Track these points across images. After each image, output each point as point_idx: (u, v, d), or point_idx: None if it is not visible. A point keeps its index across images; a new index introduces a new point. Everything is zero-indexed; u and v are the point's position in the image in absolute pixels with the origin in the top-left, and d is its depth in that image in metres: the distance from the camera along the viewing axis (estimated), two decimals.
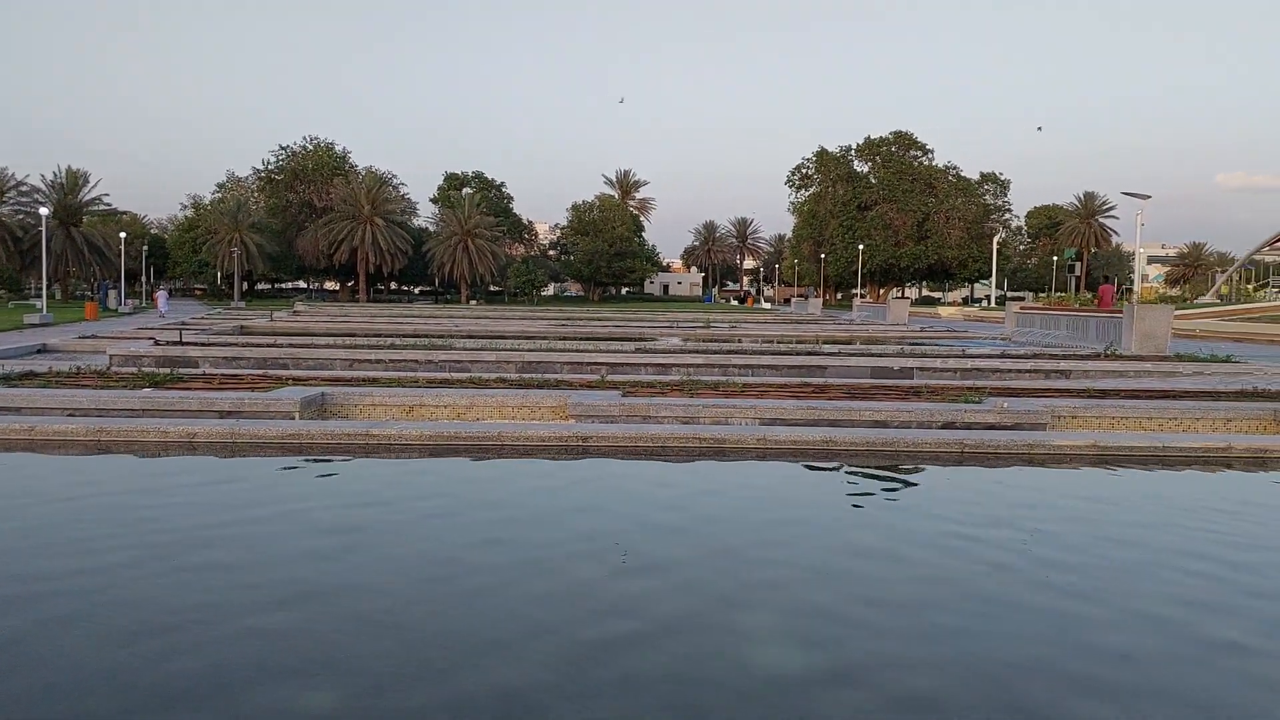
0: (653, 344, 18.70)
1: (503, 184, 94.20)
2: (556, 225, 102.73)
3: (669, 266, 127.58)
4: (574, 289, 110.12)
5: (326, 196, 78.43)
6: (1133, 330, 18.23)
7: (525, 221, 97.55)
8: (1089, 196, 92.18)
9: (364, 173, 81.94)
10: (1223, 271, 68.81)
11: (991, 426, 8.38)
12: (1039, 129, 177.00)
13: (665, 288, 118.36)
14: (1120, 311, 19.55)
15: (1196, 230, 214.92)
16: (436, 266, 79.40)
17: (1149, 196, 42.91)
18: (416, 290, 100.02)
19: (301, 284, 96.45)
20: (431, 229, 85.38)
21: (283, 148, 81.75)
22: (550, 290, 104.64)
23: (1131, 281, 55.51)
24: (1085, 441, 7.15)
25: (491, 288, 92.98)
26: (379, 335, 22.42)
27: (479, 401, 9.03)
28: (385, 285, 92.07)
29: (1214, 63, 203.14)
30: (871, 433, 7.62)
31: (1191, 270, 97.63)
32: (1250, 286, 67.24)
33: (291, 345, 17.25)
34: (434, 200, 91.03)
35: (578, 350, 16.64)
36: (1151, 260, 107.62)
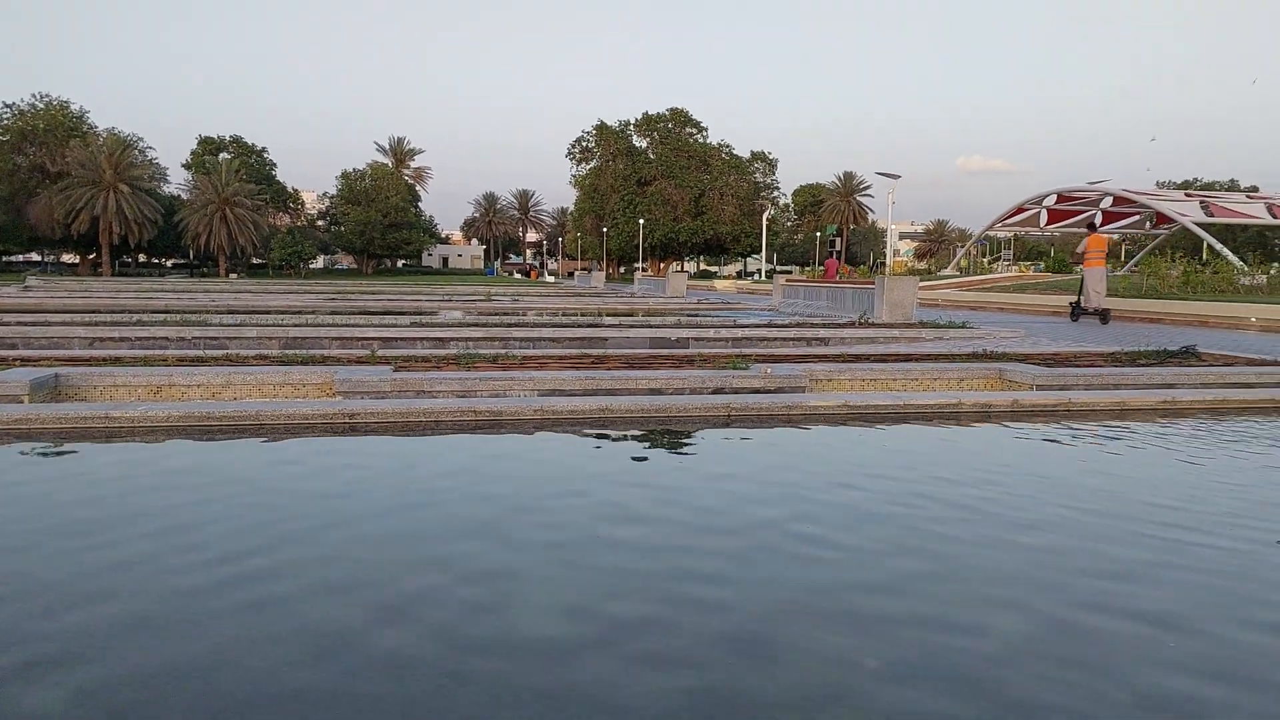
0: (430, 317, 18.24)
1: (264, 149, 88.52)
2: (325, 194, 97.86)
3: (448, 238, 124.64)
4: (346, 262, 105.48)
5: (62, 160, 70.54)
6: (883, 300, 19.71)
7: (290, 190, 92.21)
8: (848, 176, 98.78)
9: (105, 135, 74.26)
10: (962, 246, 75.67)
11: (757, 391, 8.78)
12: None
13: (445, 260, 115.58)
14: (871, 283, 21.08)
15: (941, 209, 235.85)
16: (191, 237, 73.63)
17: (899, 177, 46.60)
18: (169, 263, 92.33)
19: (35, 256, 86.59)
20: (185, 197, 78.88)
21: (6, 105, 72.67)
22: (319, 263, 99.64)
23: (884, 255, 60.07)
24: (837, 402, 7.65)
25: (254, 260, 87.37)
26: (125, 311, 20.58)
27: (236, 380, 8.44)
28: (133, 258, 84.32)
29: (956, 55, 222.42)
30: (646, 400, 7.78)
31: (936, 245, 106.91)
32: (986, 260, 74.40)
33: (21, 324, 15.45)
34: (187, 166, 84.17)
35: (348, 325, 15.95)
36: (903, 236, 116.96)
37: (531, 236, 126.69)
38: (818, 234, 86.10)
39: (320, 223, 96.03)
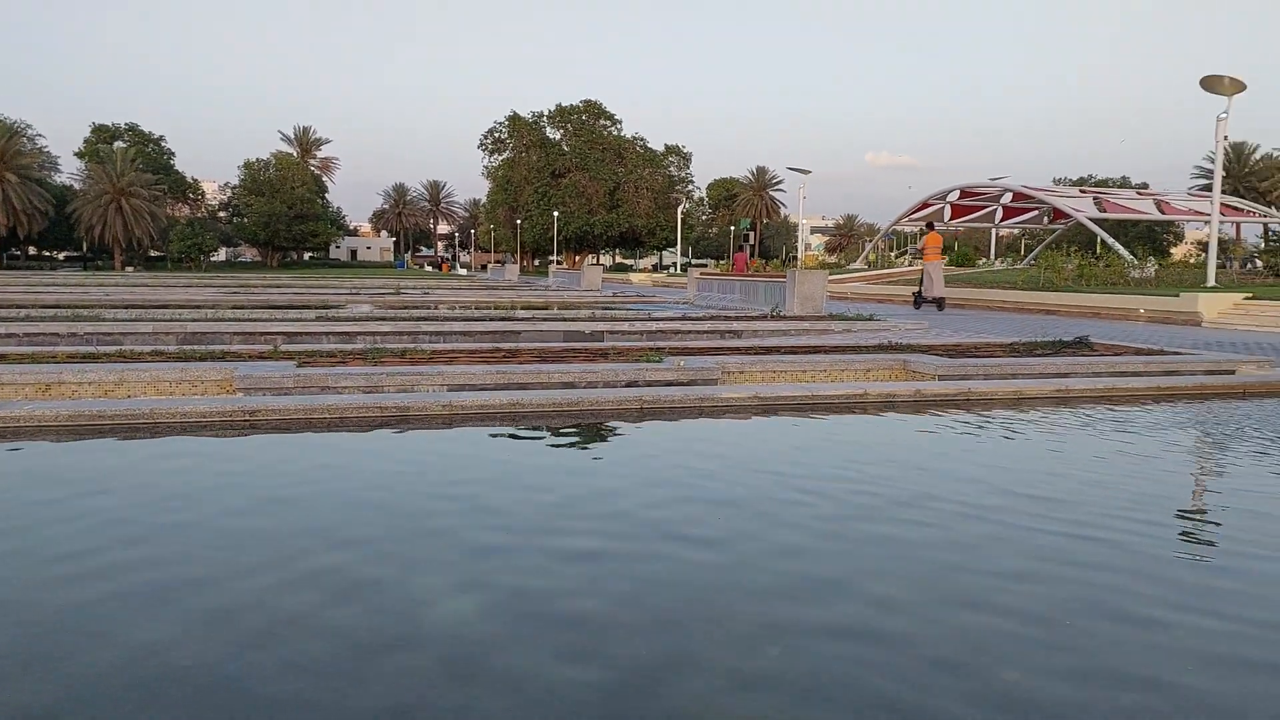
0: (336, 311, 17.82)
1: (162, 137, 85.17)
2: (227, 185, 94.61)
3: (357, 230, 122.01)
4: (249, 254, 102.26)
5: None
6: (794, 294, 20.02)
7: (190, 180, 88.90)
8: (761, 171, 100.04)
9: None
10: (870, 240, 77.45)
11: (670, 383, 8.82)
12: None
13: (353, 253, 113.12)
14: (783, 276, 21.40)
15: (851, 204, 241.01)
16: (85, 229, 70.36)
17: (809, 172, 47.35)
18: (61, 256, 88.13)
19: None
20: (78, 187, 75.33)
21: None
22: (221, 255, 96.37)
23: (796, 249, 61.08)
24: (748, 394, 7.73)
25: (151, 253, 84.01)
26: (12, 306, 19.58)
27: (130, 377, 8.10)
28: (22, 250, 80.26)
29: (865, 52, 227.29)
30: (559, 394, 7.73)
31: (846, 239, 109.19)
32: (893, 254, 76.29)
33: None
34: (80, 154, 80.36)
35: (250, 320, 15.45)
36: (814, 230, 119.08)
37: (443, 229, 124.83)
38: (732, 228, 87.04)
39: (222, 214, 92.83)
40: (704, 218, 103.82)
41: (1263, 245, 38.47)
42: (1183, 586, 3.70)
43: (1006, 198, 57.25)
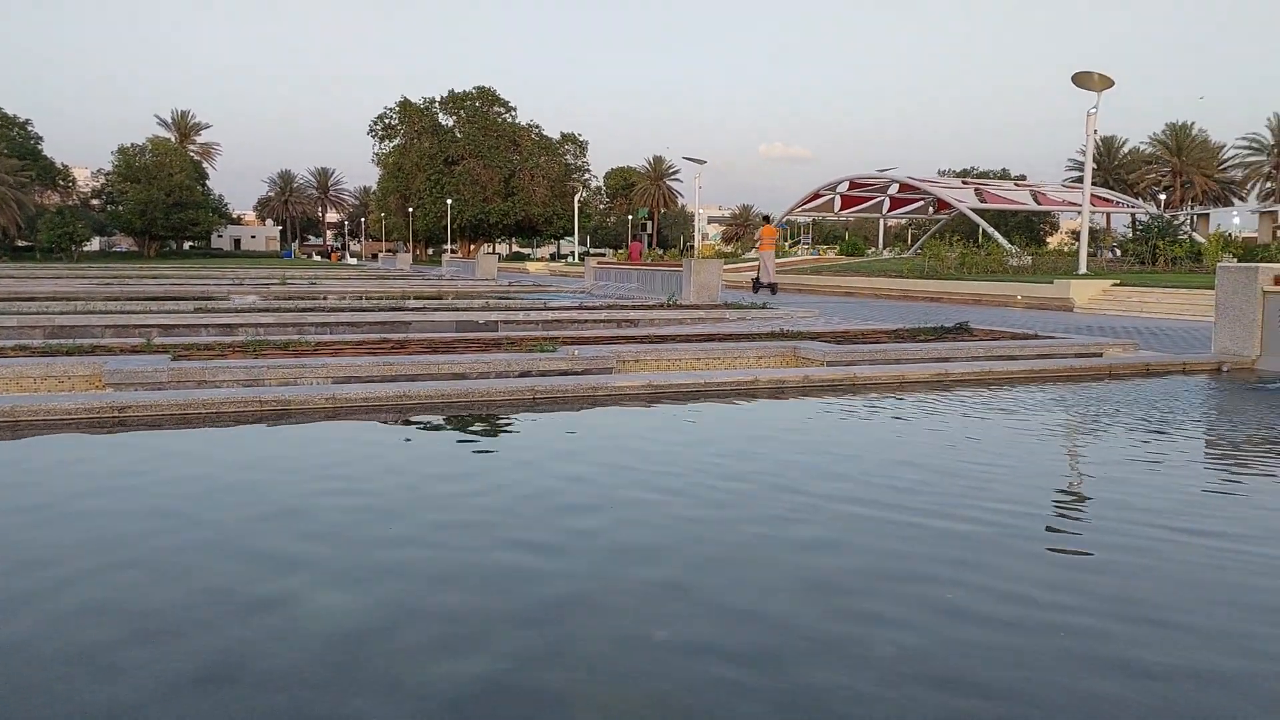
0: (216, 303, 17.12)
1: (28, 121, 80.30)
2: (101, 171, 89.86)
3: (241, 219, 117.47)
4: (125, 244, 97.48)
5: None
6: (691, 283, 20.20)
7: (60, 166, 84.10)
8: (658, 160, 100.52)
9: None
10: None
11: (565, 373, 8.77)
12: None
13: (237, 242, 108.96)
14: (679, 265, 21.55)
15: (747, 194, 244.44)
16: None
17: (705, 162, 47.79)
18: None
19: None
20: None
21: None
22: (95, 245, 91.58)
23: (693, 239, 61.66)
24: (641, 382, 7.75)
25: (18, 243, 79.25)
26: None
27: None
28: None
29: (759, 43, 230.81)
30: (448, 385, 7.60)
31: (742, 229, 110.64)
32: (787, 244, 77.70)
33: None
34: None
35: (124, 312, 14.72)
36: (711, 220, 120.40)
37: (332, 217, 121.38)
38: (629, 217, 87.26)
39: (95, 202, 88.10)
40: (602, 206, 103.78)
41: (1130, 234, 40.62)
42: (1030, 557, 3.87)
43: (893, 189, 59.02)
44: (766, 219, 29.74)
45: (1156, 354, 10.73)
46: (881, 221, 71.85)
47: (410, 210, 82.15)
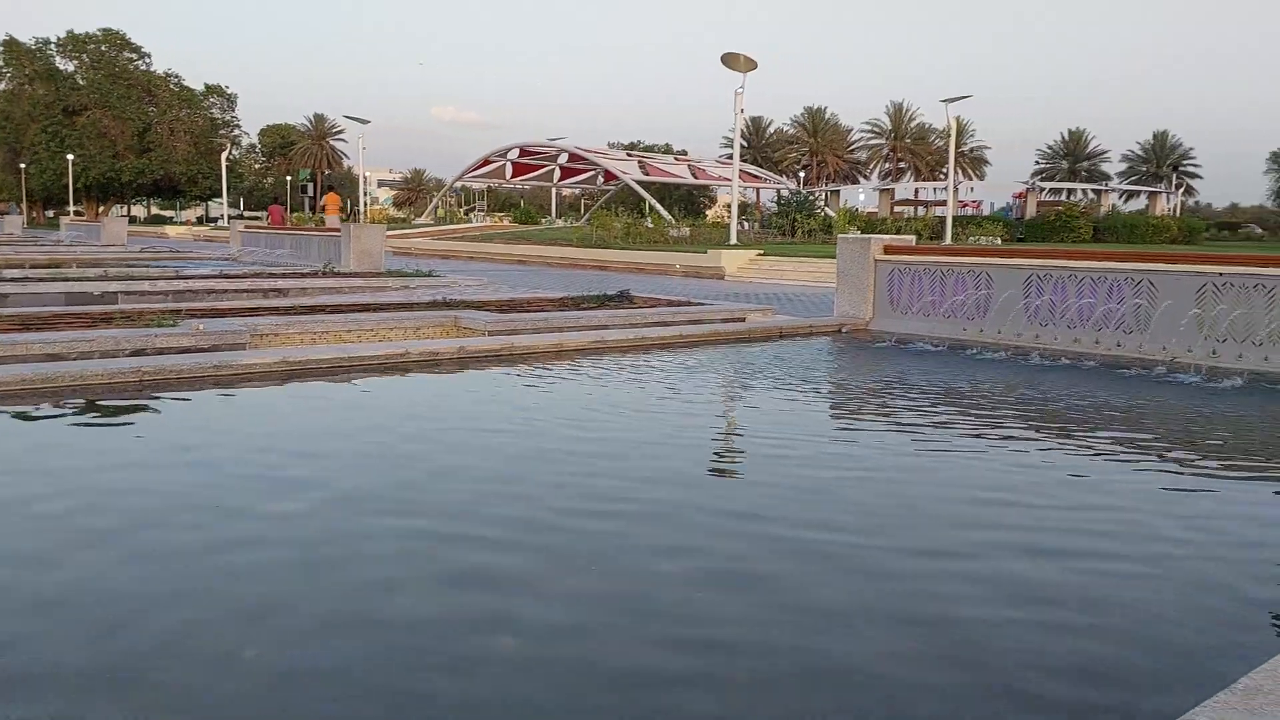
0: None
1: None
2: None
3: None
4: None
5: None
6: (351, 249, 19.04)
7: None
8: (319, 119, 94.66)
9: None
10: (438, 195, 76.94)
11: (188, 350, 7.75)
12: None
13: None
14: (336, 231, 20.27)
15: (420, 158, 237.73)
16: None
17: (368, 121, 45.56)
18: None
19: None
20: None
21: None
22: None
23: (360, 202, 58.74)
24: (275, 359, 7.00)
25: None
26: None
27: None
28: None
29: (431, 5, 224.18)
30: (29, 369, 6.37)
31: (415, 194, 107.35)
32: (461, 210, 76.61)
33: None
34: None
35: None
36: (382, 184, 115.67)
37: None
38: (289, 178, 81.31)
39: None
40: (257, 166, 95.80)
41: (776, 209, 44.45)
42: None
43: (563, 158, 60.00)
44: (330, 187, 32.75)
45: (790, 318, 11.61)
46: (554, 190, 73.00)
47: (23, 167, 70.77)
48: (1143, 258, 9.22)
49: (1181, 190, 70.72)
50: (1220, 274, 8.20)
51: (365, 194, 54.93)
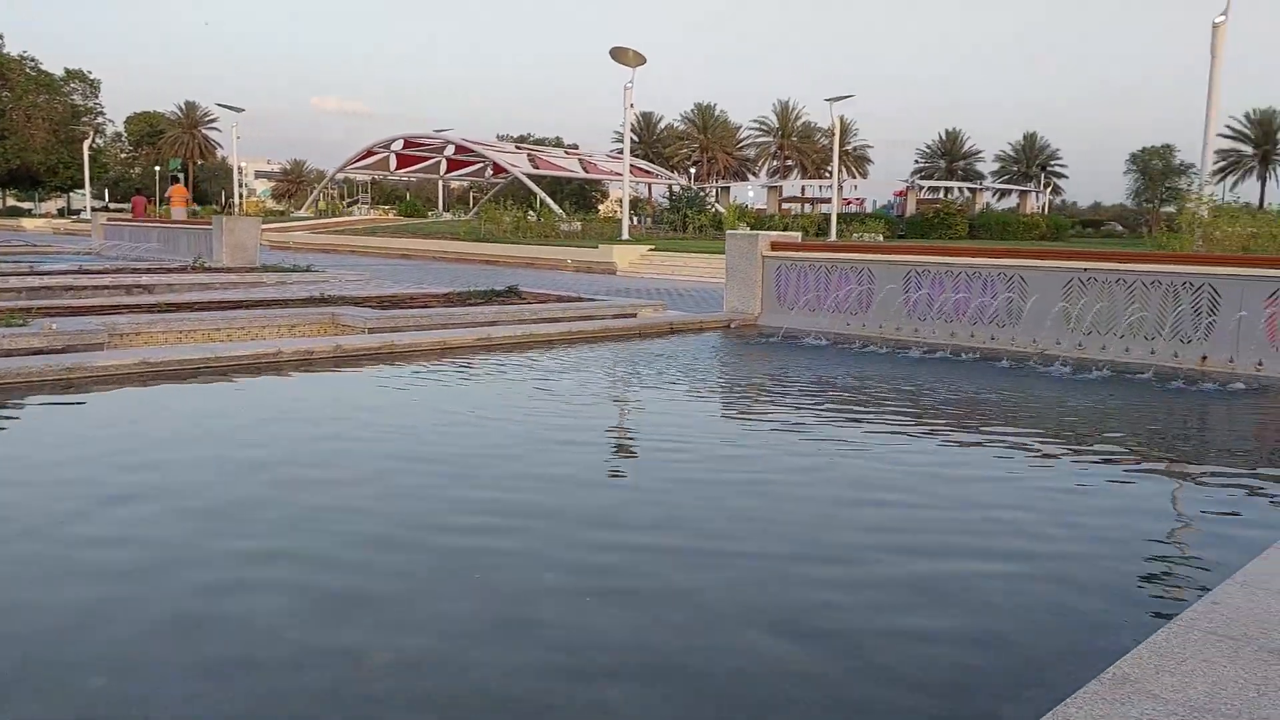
0: None
1: None
2: None
3: None
4: None
5: None
6: (224, 243, 18.19)
7: None
8: (191, 106, 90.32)
9: None
10: (318, 187, 74.51)
11: (39, 351, 7.20)
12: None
13: None
14: (207, 223, 19.36)
15: (300, 148, 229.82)
16: None
17: (243, 110, 43.85)
18: None
19: None
20: None
21: None
22: None
23: (235, 194, 56.37)
24: (134, 360, 6.56)
25: None
26: None
27: None
28: None
29: None
30: None
31: (295, 186, 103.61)
32: (344, 203, 74.34)
33: None
34: None
35: None
36: (259, 175, 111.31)
37: None
38: (157, 168, 77.19)
39: None
40: (123, 156, 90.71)
41: (668, 204, 44.69)
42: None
43: (450, 150, 58.89)
44: (175, 179, 31.85)
45: (681, 314, 11.62)
46: (441, 183, 71.63)
47: None
48: (1014, 254, 9.56)
49: (1049, 189, 74.50)
50: (1085, 269, 8.57)
51: (241, 185, 52.73)
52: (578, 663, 2.63)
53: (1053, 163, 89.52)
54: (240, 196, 51.47)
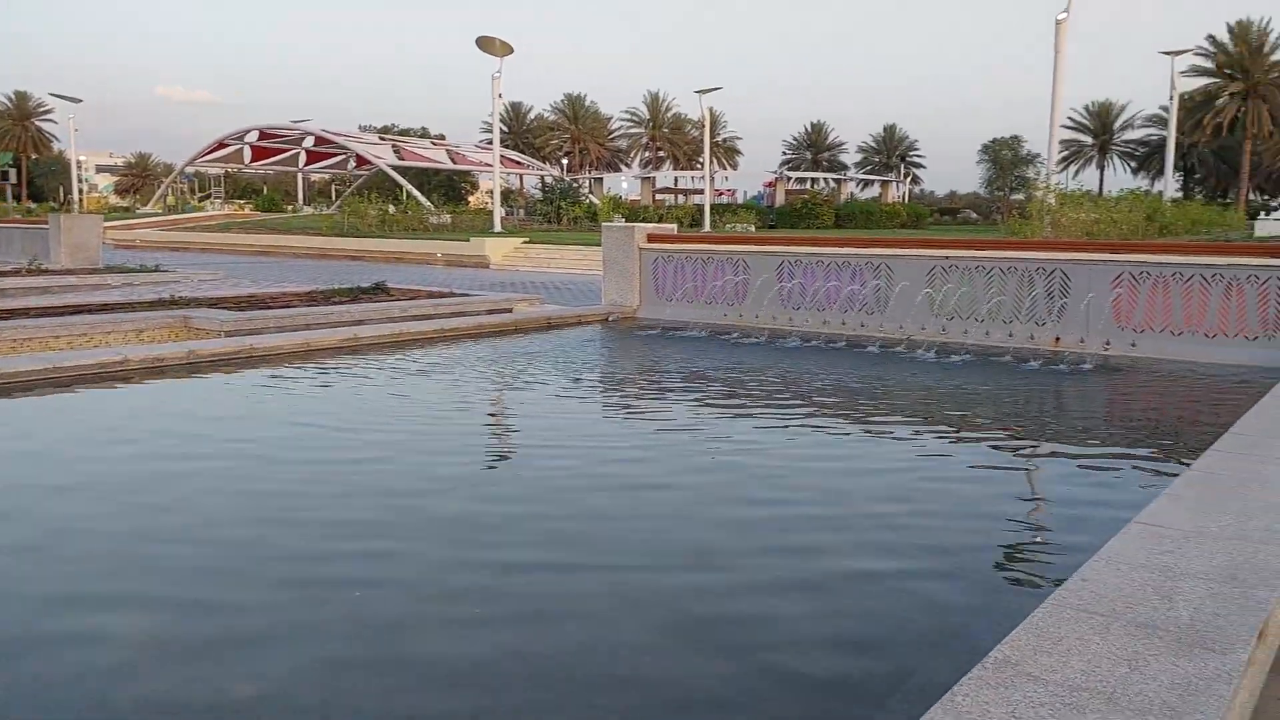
0: None
1: None
2: None
3: None
4: None
5: None
6: (62, 243, 16.97)
7: None
8: (22, 96, 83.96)
9: None
10: (166, 182, 70.67)
11: None
12: None
13: None
14: (43, 222, 18.04)
15: (146, 140, 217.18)
16: None
17: (80, 100, 41.09)
18: None
19: None
20: None
21: None
22: None
23: (75, 190, 52.76)
24: None
25: None
26: None
27: None
28: None
29: None
30: None
31: (141, 180, 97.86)
32: (195, 197, 70.72)
33: None
34: None
35: None
36: (101, 169, 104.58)
37: None
38: None
39: None
40: None
41: (541, 196, 44.31)
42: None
43: (309, 142, 56.76)
44: (4, 174, 29.41)
45: (558, 308, 11.48)
46: (301, 176, 68.98)
47: None
48: (880, 244, 9.84)
49: (909, 179, 77.54)
50: (946, 257, 8.88)
51: (80, 180, 49.45)
52: (454, 684, 2.49)
53: (911, 153, 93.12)
54: (80, 193, 48.25)
